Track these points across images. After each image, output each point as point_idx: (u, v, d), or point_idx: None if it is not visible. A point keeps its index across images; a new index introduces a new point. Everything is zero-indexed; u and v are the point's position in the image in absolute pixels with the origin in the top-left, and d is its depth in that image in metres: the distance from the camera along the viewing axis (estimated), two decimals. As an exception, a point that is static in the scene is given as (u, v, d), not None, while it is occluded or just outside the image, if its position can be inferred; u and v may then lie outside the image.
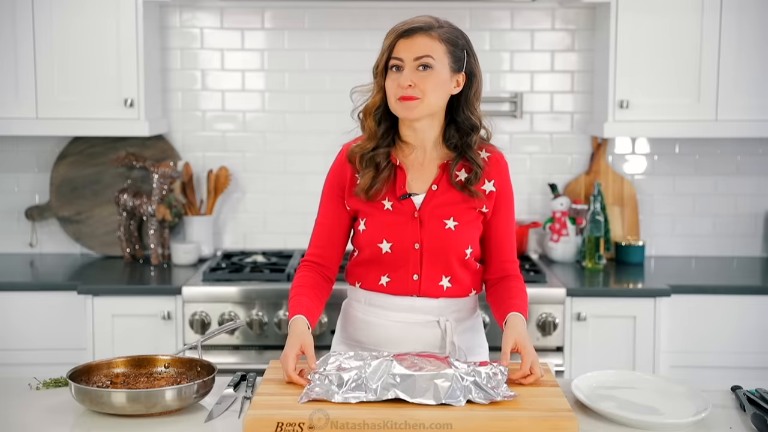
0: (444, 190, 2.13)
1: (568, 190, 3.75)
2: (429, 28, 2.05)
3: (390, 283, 2.15)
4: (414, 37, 2.04)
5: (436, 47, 2.04)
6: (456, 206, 2.12)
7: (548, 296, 3.14)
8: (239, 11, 3.68)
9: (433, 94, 2.05)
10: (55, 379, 2.07)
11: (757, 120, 3.39)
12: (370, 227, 2.14)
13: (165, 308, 3.15)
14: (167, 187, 3.56)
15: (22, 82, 3.35)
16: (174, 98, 3.72)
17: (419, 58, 2.03)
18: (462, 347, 2.16)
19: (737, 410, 1.91)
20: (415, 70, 2.04)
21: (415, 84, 2.03)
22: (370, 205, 2.14)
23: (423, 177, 2.15)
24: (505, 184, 2.18)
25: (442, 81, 2.06)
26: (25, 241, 3.77)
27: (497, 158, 2.18)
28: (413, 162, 2.15)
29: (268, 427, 1.70)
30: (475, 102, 2.14)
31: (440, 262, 2.12)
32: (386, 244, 2.12)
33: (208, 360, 2.01)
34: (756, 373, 3.18)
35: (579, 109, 3.73)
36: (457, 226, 2.11)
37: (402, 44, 2.05)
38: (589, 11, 3.67)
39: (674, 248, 3.78)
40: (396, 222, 2.12)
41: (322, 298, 2.19)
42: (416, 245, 2.12)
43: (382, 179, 2.12)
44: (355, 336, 2.22)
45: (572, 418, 1.73)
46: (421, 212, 2.12)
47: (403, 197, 2.12)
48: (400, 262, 2.13)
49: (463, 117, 2.13)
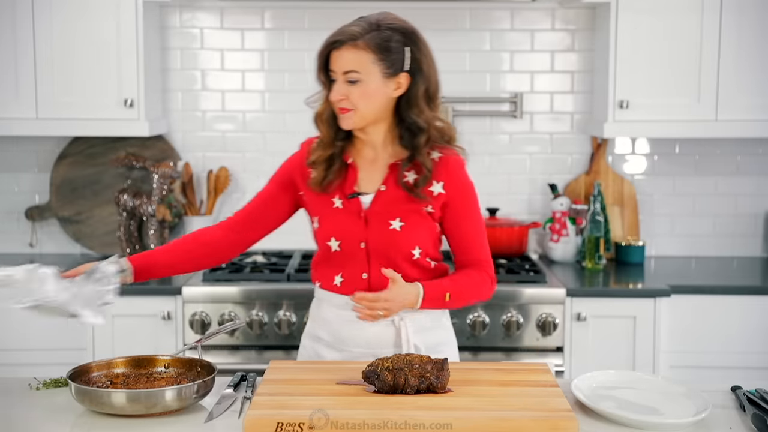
0: (391, 191, 2.13)
1: (568, 190, 3.75)
2: (354, 38, 2.04)
3: (343, 283, 2.18)
4: (341, 49, 2.06)
5: (363, 58, 2.04)
6: (402, 207, 2.13)
7: (548, 296, 3.14)
8: (239, 11, 3.68)
9: (365, 105, 2.06)
10: (55, 379, 2.07)
11: (757, 120, 3.39)
12: (321, 225, 2.19)
13: (165, 308, 3.15)
14: (167, 187, 3.56)
15: (22, 82, 3.35)
16: (174, 98, 3.72)
17: (346, 72, 2.05)
18: (421, 346, 2.18)
19: (737, 410, 1.91)
20: (345, 83, 2.06)
21: (346, 97, 2.06)
22: (322, 203, 2.18)
23: (373, 176, 2.16)
24: (458, 185, 2.15)
25: (372, 91, 2.05)
26: (25, 241, 3.77)
27: (448, 159, 2.15)
28: (365, 160, 2.17)
29: (268, 427, 1.70)
30: (421, 102, 2.10)
31: (386, 261, 2.14)
32: (335, 242, 2.16)
33: (208, 360, 2.01)
34: (756, 373, 3.18)
35: (579, 109, 3.73)
36: (402, 226, 2.12)
37: (333, 56, 2.08)
38: (589, 11, 3.67)
39: (674, 248, 3.78)
40: (343, 220, 2.15)
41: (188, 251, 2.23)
42: (362, 244, 2.14)
43: (333, 172, 2.15)
44: (317, 332, 2.27)
45: (572, 418, 1.73)
46: (368, 212, 2.14)
47: (351, 196, 2.15)
48: (348, 260, 2.16)
49: (409, 119, 2.11)
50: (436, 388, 1.87)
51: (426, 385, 1.86)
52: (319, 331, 2.26)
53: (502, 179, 3.76)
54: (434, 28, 3.68)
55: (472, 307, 3.12)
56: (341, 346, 2.20)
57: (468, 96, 3.71)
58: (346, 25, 2.09)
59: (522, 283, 3.20)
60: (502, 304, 3.12)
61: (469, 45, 3.70)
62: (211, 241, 2.25)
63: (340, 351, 2.21)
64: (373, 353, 2.16)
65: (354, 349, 2.19)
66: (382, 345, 2.17)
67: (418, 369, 1.86)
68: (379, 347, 2.17)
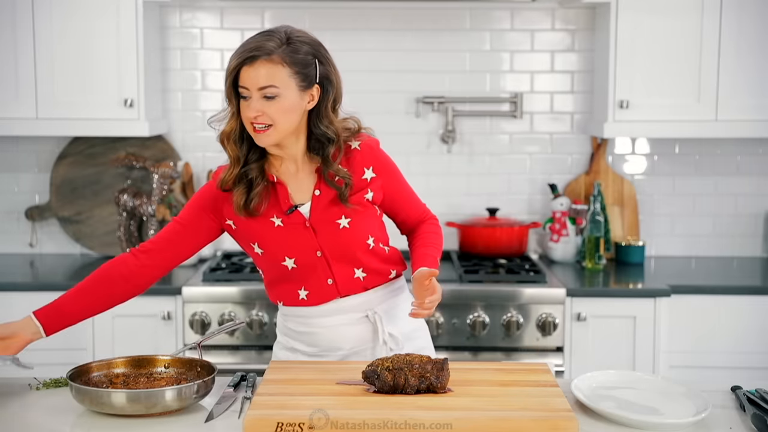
0: (326, 193, 2.11)
1: (568, 190, 3.75)
2: (269, 53, 1.98)
3: (309, 295, 2.15)
4: (255, 64, 1.99)
5: (279, 73, 1.99)
6: (342, 204, 2.11)
7: (548, 296, 3.14)
8: (239, 11, 3.68)
9: (284, 120, 2.01)
10: (55, 379, 2.07)
11: (757, 120, 3.39)
12: (266, 248, 2.12)
13: (165, 308, 3.15)
14: (167, 187, 3.56)
15: (22, 82, 3.35)
16: (174, 98, 3.72)
17: (263, 88, 1.99)
18: (398, 335, 2.19)
19: (737, 410, 1.91)
20: (261, 99, 2.00)
21: (263, 113, 2.00)
22: (259, 227, 2.11)
23: (302, 186, 2.12)
24: (384, 165, 2.18)
25: (290, 105, 2.01)
26: (25, 241, 3.77)
27: (369, 144, 2.16)
28: (288, 174, 2.13)
29: (268, 427, 1.70)
30: (330, 113, 2.09)
31: (346, 260, 2.13)
32: (289, 261, 2.12)
33: (208, 360, 2.01)
34: (756, 373, 3.18)
35: (579, 109, 3.73)
36: (350, 221, 2.11)
37: (245, 72, 2.00)
38: (589, 11, 3.67)
39: (674, 248, 3.78)
40: (290, 237, 2.10)
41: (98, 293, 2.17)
42: (318, 253, 2.11)
43: (257, 194, 2.08)
44: (292, 345, 2.24)
45: (572, 418, 1.73)
46: (312, 220, 2.10)
47: (290, 211, 2.10)
48: (309, 272, 2.13)
49: (319, 131, 2.08)
50: (436, 388, 1.87)
51: (426, 385, 1.86)
52: (294, 344, 2.23)
53: (502, 179, 3.76)
54: (434, 28, 3.69)
55: (472, 307, 3.12)
56: (323, 353, 2.18)
57: (468, 96, 3.71)
58: (256, 40, 2.01)
59: (522, 283, 3.20)
60: (502, 304, 3.12)
61: (469, 45, 3.70)
62: (128, 274, 2.15)
63: (322, 358, 2.19)
64: (356, 352, 2.16)
65: (337, 353, 2.18)
66: (363, 341, 2.18)
67: (418, 369, 1.86)
68: (360, 344, 2.17)
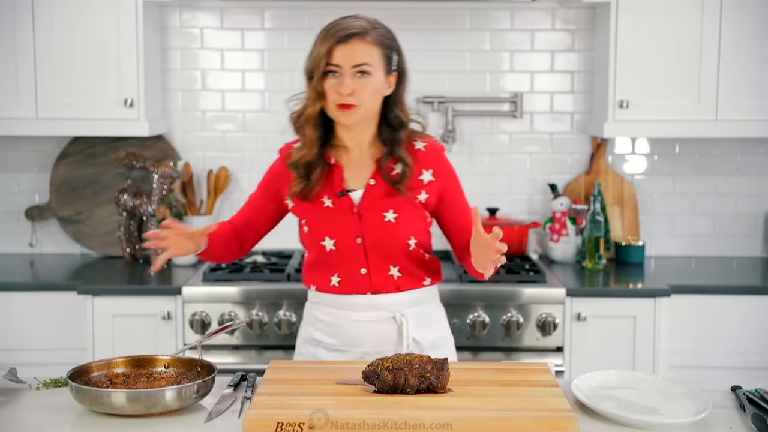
0: (381, 184, 2.15)
1: (568, 190, 3.75)
2: (364, 33, 2.05)
3: (341, 282, 2.18)
4: (351, 42, 2.04)
5: (373, 52, 2.05)
6: (394, 198, 2.14)
7: (548, 296, 3.14)
8: (239, 11, 3.68)
9: (370, 99, 2.07)
10: (55, 379, 2.07)
11: (757, 120, 3.39)
12: (312, 226, 2.18)
13: (165, 308, 3.15)
14: (167, 187, 3.56)
15: (22, 82, 3.35)
16: (174, 98, 3.72)
17: (357, 65, 2.04)
18: (423, 342, 2.18)
19: (737, 410, 1.91)
20: (354, 77, 2.04)
21: (354, 91, 2.04)
22: (311, 206, 2.17)
23: (360, 173, 2.17)
24: (445, 171, 2.20)
25: (378, 86, 2.08)
26: (25, 241, 3.77)
27: (434, 147, 2.20)
28: (349, 160, 2.18)
29: (268, 427, 1.70)
30: (403, 101, 2.16)
31: (384, 254, 2.15)
32: (329, 241, 2.15)
33: (208, 360, 2.01)
34: (756, 373, 3.18)
35: (579, 109, 3.73)
36: (397, 217, 2.14)
37: (339, 50, 2.05)
38: (589, 11, 3.67)
39: (674, 248, 3.78)
40: (336, 218, 2.15)
41: (227, 240, 2.29)
42: (358, 239, 2.15)
43: (314, 180, 2.15)
44: (315, 336, 2.26)
45: (572, 418, 1.73)
46: (360, 207, 2.14)
47: (341, 194, 2.15)
48: (345, 258, 2.16)
49: (393, 115, 2.14)
50: (436, 388, 1.87)
51: (426, 385, 1.86)
52: (317, 335, 2.25)
53: (502, 179, 3.75)
54: (434, 28, 3.69)
55: (472, 307, 3.12)
56: (345, 348, 2.20)
57: (468, 96, 3.71)
58: (346, 21, 2.07)
59: (522, 283, 3.20)
60: (502, 304, 3.12)
61: (469, 45, 3.70)
62: (233, 236, 2.31)
63: (342, 353, 2.20)
64: (378, 352, 2.15)
65: (357, 350, 2.19)
66: (385, 342, 2.18)
67: (418, 369, 1.86)
68: (382, 345, 2.17)
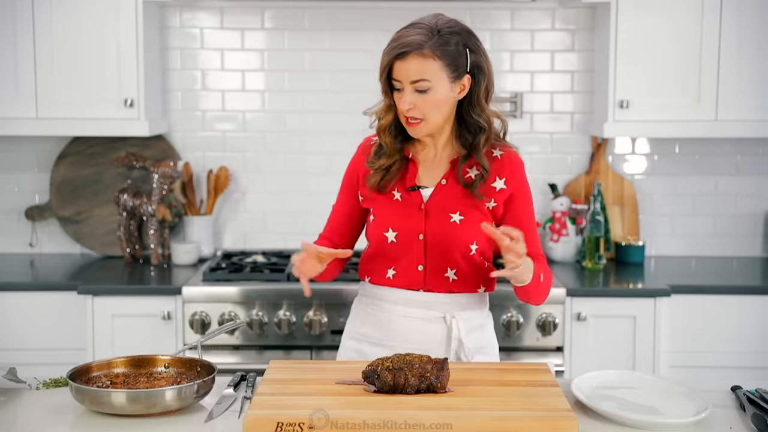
0: (453, 185, 2.16)
1: (568, 190, 3.75)
2: (420, 47, 2.02)
3: (396, 275, 2.17)
4: (407, 59, 2.03)
5: (430, 67, 2.03)
6: (463, 201, 2.14)
7: (548, 296, 3.13)
8: (239, 11, 3.68)
9: (434, 113, 2.08)
10: (55, 379, 2.07)
11: (757, 120, 3.39)
12: (377, 216, 2.18)
13: (165, 308, 3.15)
14: (167, 187, 3.56)
15: (22, 82, 3.35)
16: (174, 98, 3.72)
17: (415, 82, 2.04)
18: (469, 346, 2.18)
19: (737, 410, 1.91)
20: (414, 92, 2.05)
21: (415, 106, 2.05)
22: (381, 198, 2.18)
23: (433, 172, 2.18)
24: (519, 183, 2.19)
25: (442, 98, 2.06)
26: (25, 241, 3.77)
27: (510, 157, 2.19)
28: (425, 156, 2.19)
29: (268, 427, 1.70)
30: (482, 101, 2.12)
31: (444, 254, 2.14)
32: (392, 233, 2.15)
33: (208, 360, 2.01)
34: (756, 373, 3.18)
35: (579, 109, 3.73)
36: (462, 220, 2.13)
37: (397, 66, 2.05)
38: (589, 11, 3.67)
39: (674, 248, 3.78)
40: (402, 212, 2.15)
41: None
42: (420, 236, 2.14)
43: (392, 172, 2.16)
44: (362, 330, 2.25)
45: (572, 418, 1.73)
46: (428, 204, 2.15)
47: (412, 189, 2.16)
48: (404, 252, 2.15)
49: (471, 119, 2.13)
50: (436, 388, 1.86)
51: (426, 385, 1.86)
52: (363, 329, 2.24)
53: (502, 179, 3.75)
54: (434, 28, 3.68)
55: (472, 307, 3.12)
56: (391, 343, 2.17)
57: (468, 96, 3.70)
58: (406, 33, 2.05)
59: (522, 283, 3.20)
60: (502, 304, 3.12)
61: (469, 45, 3.69)
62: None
63: (388, 348, 2.17)
64: (424, 350, 2.11)
65: (404, 346, 2.15)
66: (433, 342, 2.16)
67: (418, 369, 1.86)
68: (430, 344, 2.16)
